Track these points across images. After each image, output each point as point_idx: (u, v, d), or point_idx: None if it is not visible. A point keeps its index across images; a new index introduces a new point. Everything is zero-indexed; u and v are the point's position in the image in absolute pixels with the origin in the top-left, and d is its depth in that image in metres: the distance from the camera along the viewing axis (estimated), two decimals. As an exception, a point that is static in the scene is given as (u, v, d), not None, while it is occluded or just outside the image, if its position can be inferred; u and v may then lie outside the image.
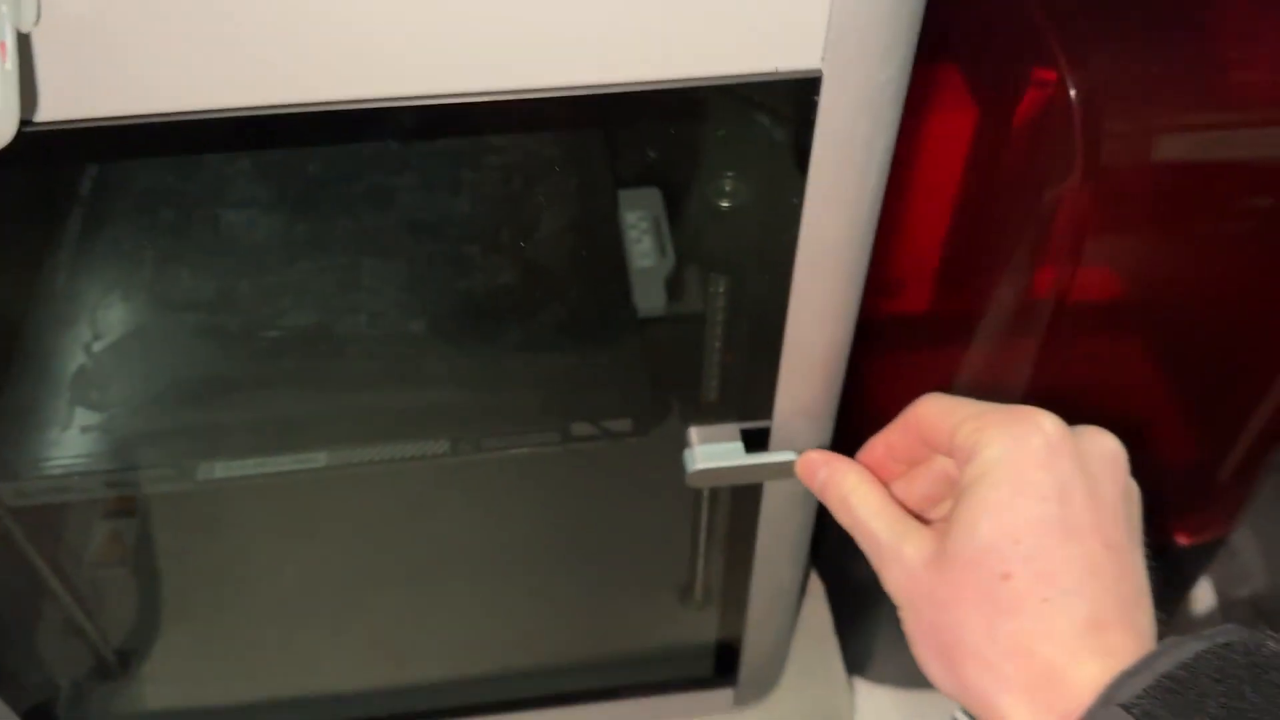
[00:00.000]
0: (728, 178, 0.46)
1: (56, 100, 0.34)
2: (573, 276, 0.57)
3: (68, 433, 0.55)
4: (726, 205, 0.47)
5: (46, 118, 0.34)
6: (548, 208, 0.54)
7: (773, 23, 0.35)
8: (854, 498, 0.41)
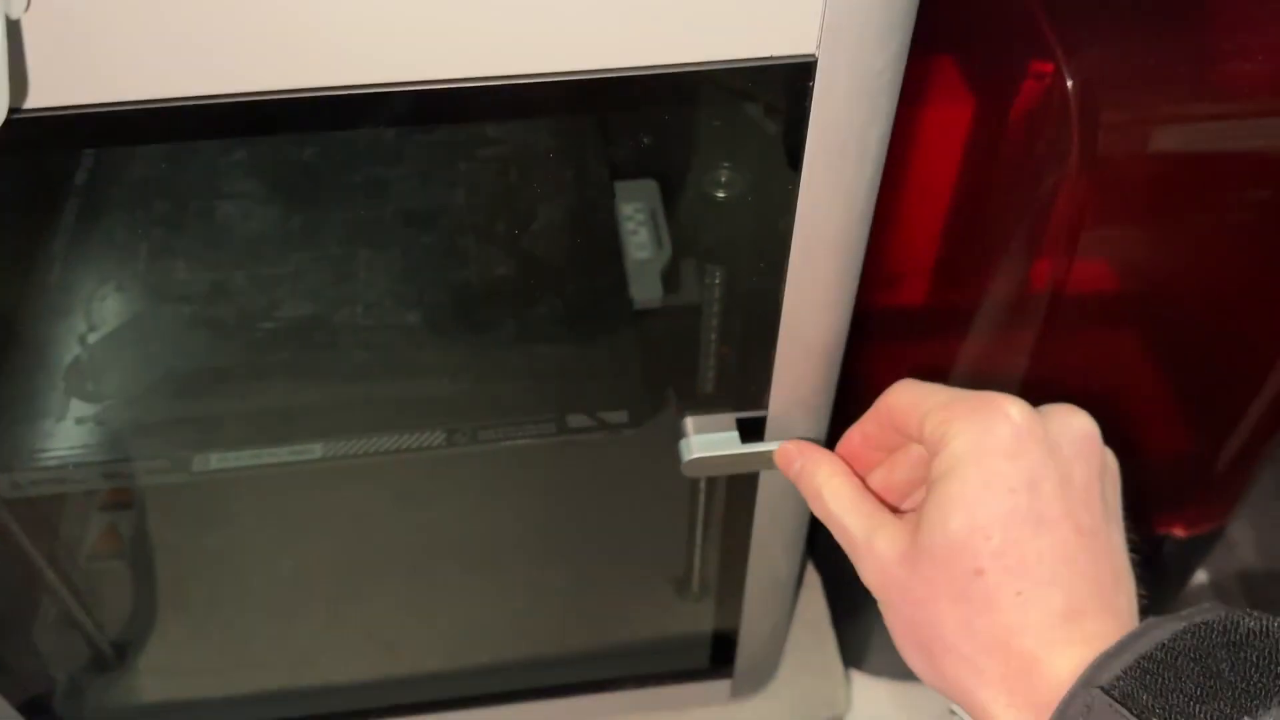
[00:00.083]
0: (723, 168, 0.46)
1: (47, 87, 0.34)
2: (569, 268, 0.57)
3: (62, 424, 0.55)
4: (722, 196, 0.47)
5: (37, 105, 0.34)
6: (544, 199, 0.54)
7: (768, 8, 0.34)
8: (826, 490, 0.41)
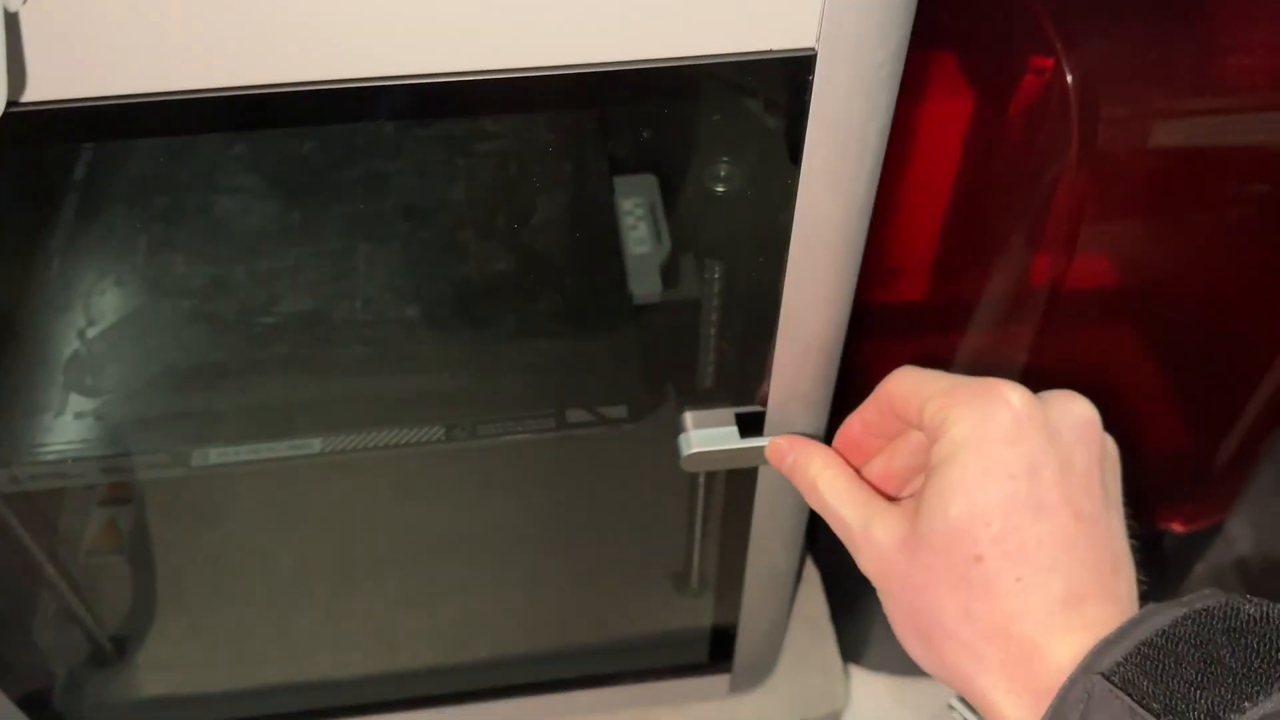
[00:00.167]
0: (723, 163, 0.46)
1: (45, 80, 0.34)
2: (568, 263, 0.57)
3: (61, 419, 0.55)
4: (721, 190, 0.47)
5: (35, 98, 0.34)
6: (543, 194, 0.54)
7: (768, 2, 0.34)
8: (820, 482, 0.41)
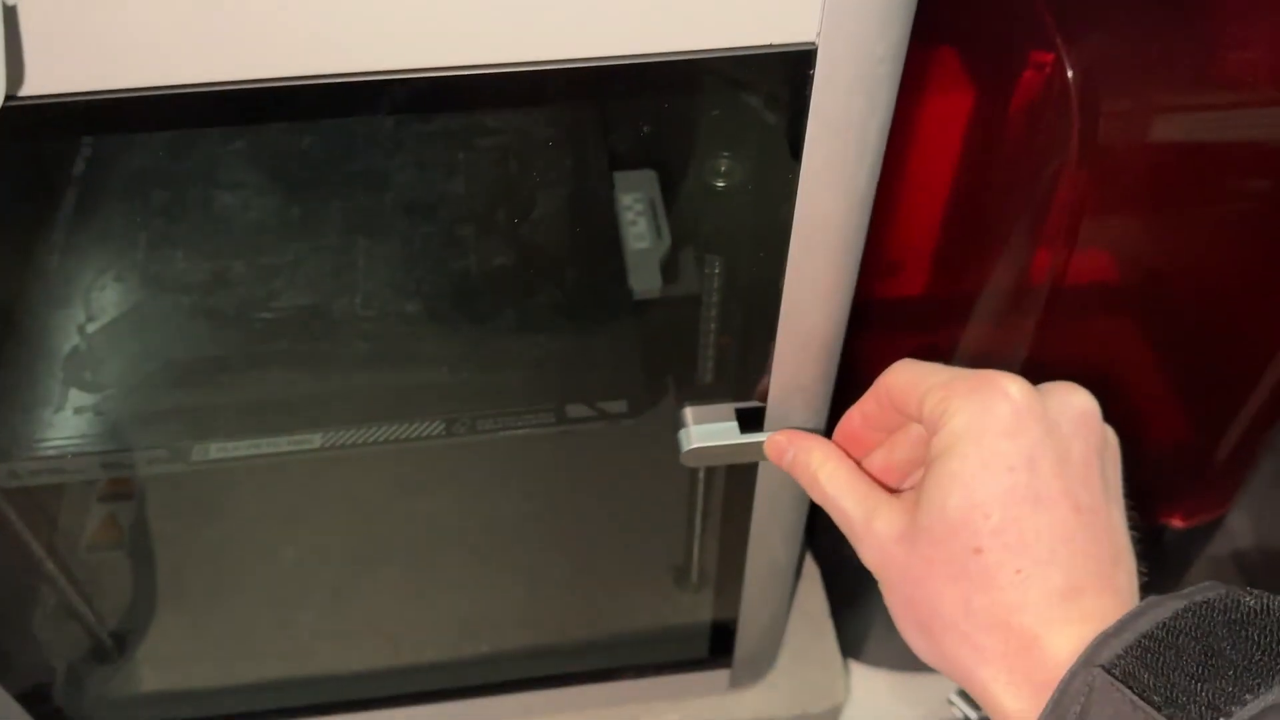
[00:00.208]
0: (723, 158, 0.46)
1: (44, 74, 0.34)
2: (568, 258, 0.57)
3: (61, 414, 0.55)
4: (722, 186, 0.47)
5: (33, 92, 0.34)
6: (543, 190, 0.54)
7: (767, -5, 0.34)
8: (822, 475, 0.41)
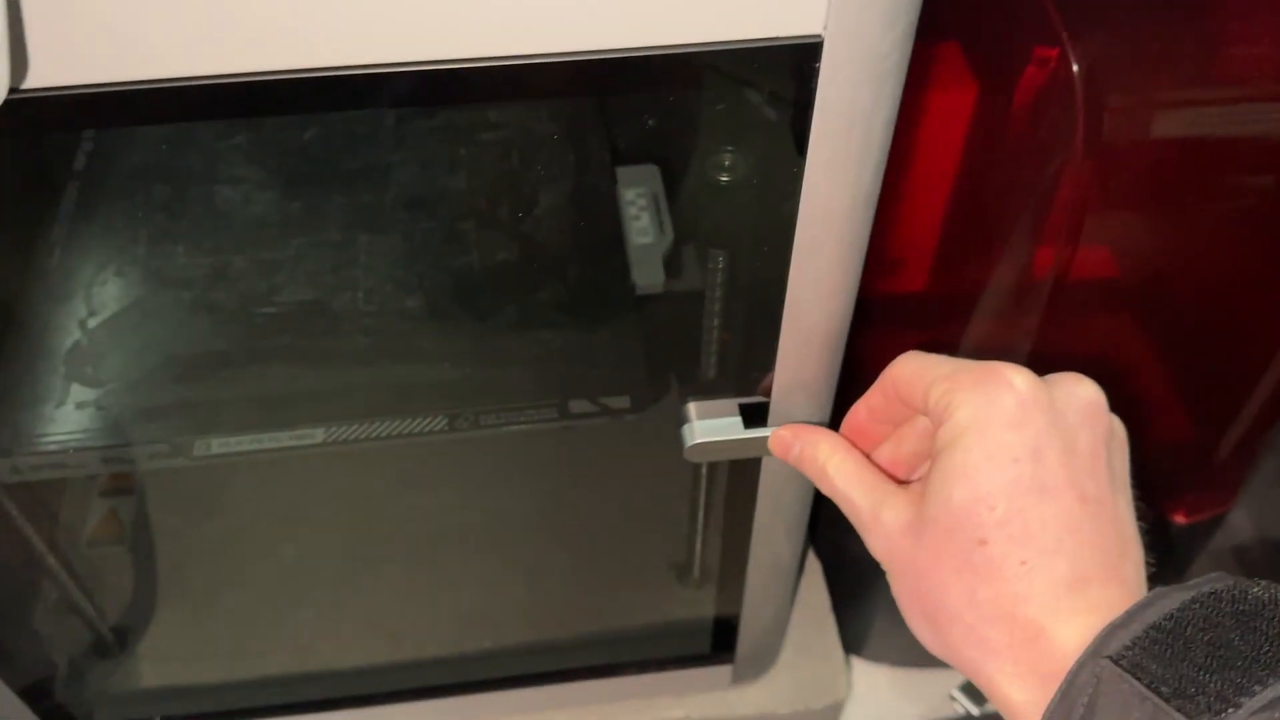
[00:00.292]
0: (727, 152, 0.46)
1: (47, 66, 0.33)
2: (571, 253, 0.57)
3: (62, 409, 0.55)
4: (725, 180, 0.47)
5: (37, 84, 0.34)
6: (546, 184, 0.54)
7: (774, -12, 0.34)
8: (830, 466, 0.41)
